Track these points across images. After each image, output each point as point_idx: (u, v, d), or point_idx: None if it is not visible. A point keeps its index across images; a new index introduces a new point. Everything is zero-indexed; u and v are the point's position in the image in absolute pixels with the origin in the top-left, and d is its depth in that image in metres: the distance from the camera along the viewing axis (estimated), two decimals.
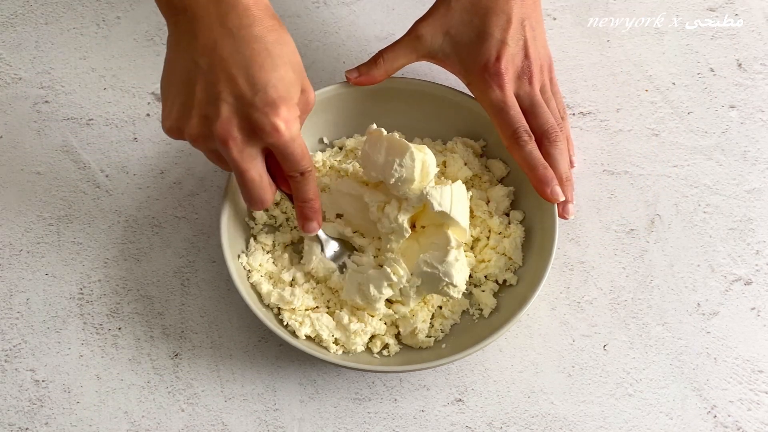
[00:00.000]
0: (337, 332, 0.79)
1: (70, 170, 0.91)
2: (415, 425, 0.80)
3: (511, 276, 0.83)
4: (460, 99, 0.87)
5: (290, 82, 0.70)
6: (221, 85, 0.68)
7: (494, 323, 0.79)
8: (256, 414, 0.80)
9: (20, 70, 0.96)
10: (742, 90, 0.96)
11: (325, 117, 0.88)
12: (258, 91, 0.68)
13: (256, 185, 0.73)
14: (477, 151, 0.88)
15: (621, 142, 0.93)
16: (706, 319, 0.84)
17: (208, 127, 0.70)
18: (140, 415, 0.80)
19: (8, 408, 0.80)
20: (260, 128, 0.69)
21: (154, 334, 0.83)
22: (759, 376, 0.82)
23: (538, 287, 0.78)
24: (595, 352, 0.83)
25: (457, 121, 0.88)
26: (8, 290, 0.85)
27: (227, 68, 0.68)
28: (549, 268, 0.79)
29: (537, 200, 0.83)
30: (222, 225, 0.81)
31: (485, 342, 0.76)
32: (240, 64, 0.68)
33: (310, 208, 0.77)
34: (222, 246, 0.80)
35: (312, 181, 0.76)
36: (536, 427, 0.80)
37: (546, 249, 0.80)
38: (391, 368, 0.77)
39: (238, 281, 0.78)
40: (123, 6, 1.00)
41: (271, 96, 0.69)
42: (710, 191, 0.90)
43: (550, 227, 0.81)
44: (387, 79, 0.87)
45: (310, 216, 0.78)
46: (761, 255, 0.87)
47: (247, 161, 0.71)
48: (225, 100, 0.69)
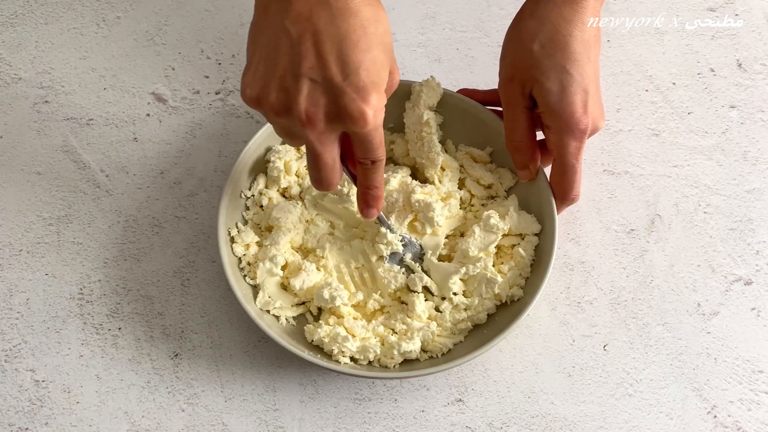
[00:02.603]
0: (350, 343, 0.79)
1: (70, 170, 0.91)
2: (415, 425, 0.80)
3: (518, 290, 0.82)
4: (466, 105, 0.87)
5: (381, 65, 0.66)
6: (310, 60, 0.64)
7: (493, 329, 0.79)
8: (256, 414, 0.80)
9: (20, 70, 0.96)
10: (742, 90, 0.96)
11: None
12: (349, 74, 0.64)
13: (329, 168, 0.69)
14: (485, 160, 0.88)
15: (621, 142, 0.93)
16: (707, 320, 0.84)
17: (289, 103, 0.65)
18: (140, 415, 0.80)
19: (8, 408, 0.80)
20: (348, 114, 0.65)
21: (154, 334, 0.83)
22: (759, 376, 0.82)
23: (538, 292, 0.78)
24: (596, 352, 0.83)
25: (464, 128, 0.88)
26: (8, 290, 0.85)
27: (319, 42, 0.64)
28: (549, 272, 0.79)
29: (537, 202, 0.83)
30: (220, 228, 0.81)
31: (483, 349, 0.76)
32: (333, 40, 0.64)
33: (374, 195, 0.74)
34: (220, 249, 0.80)
35: (381, 170, 0.73)
36: (536, 427, 0.80)
37: (545, 254, 0.80)
38: (389, 374, 0.77)
39: (246, 305, 0.78)
40: (123, 6, 1.00)
41: (362, 80, 0.64)
42: (710, 191, 0.90)
43: (550, 232, 0.81)
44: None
45: (372, 203, 0.75)
46: (761, 255, 0.87)
47: (325, 144, 0.68)
48: (312, 78, 0.64)
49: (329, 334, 0.79)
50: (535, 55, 0.78)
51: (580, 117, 0.77)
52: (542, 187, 0.82)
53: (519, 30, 0.80)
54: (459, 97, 0.87)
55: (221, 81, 0.96)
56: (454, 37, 0.99)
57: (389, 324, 0.81)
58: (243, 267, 0.83)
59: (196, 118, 0.94)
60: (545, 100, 0.78)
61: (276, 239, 0.82)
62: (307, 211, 0.85)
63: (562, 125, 0.78)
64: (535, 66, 0.78)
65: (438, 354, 0.79)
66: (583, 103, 0.77)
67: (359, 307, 0.82)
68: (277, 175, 0.85)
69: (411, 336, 0.79)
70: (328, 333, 0.79)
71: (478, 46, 0.98)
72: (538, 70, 0.78)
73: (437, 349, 0.79)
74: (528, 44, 0.78)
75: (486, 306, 0.81)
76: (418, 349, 0.79)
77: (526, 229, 0.83)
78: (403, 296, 0.82)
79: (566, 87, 0.77)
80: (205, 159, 0.91)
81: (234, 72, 0.96)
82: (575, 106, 0.77)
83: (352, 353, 0.78)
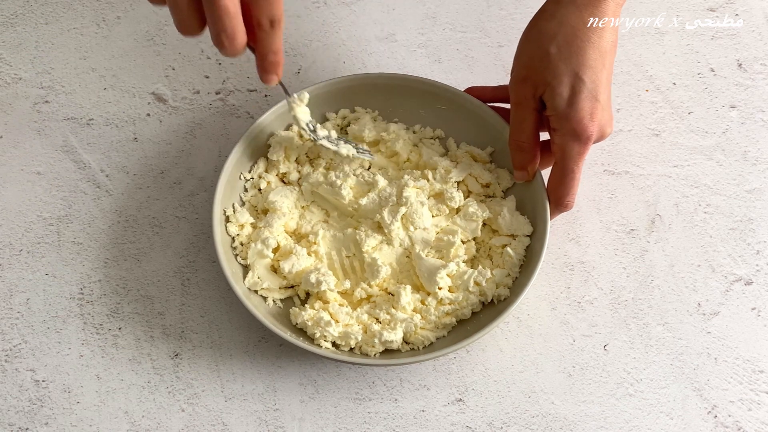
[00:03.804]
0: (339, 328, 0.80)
1: (70, 170, 0.91)
2: (415, 425, 0.80)
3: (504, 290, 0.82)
4: (471, 105, 0.87)
5: None
6: None
7: (476, 326, 0.79)
8: (257, 414, 0.80)
9: (20, 70, 0.96)
10: (742, 90, 0.96)
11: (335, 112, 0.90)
12: None
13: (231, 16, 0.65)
14: (485, 160, 0.88)
15: (621, 142, 0.93)
16: (707, 319, 0.84)
17: None
18: (140, 415, 0.80)
19: (8, 408, 0.80)
20: None
21: (155, 334, 0.83)
22: (759, 376, 0.82)
23: (523, 292, 0.78)
24: (596, 352, 0.83)
25: (466, 125, 0.88)
26: (8, 290, 0.85)
27: None
28: (536, 273, 0.79)
29: (532, 204, 0.84)
30: (215, 206, 0.82)
31: (463, 343, 0.76)
32: None
33: (273, 61, 0.71)
34: (216, 248, 0.80)
35: (280, 33, 0.69)
36: (536, 427, 0.79)
37: (535, 255, 0.80)
38: (385, 362, 0.77)
39: (233, 283, 0.79)
40: (123, 6, 1.00)
41: None
42: (710, 191, 0.90)
43: (541, 235, 0.81)
44: (399, 76, 0.88)
45: (271, 69, 0.71)
46: (761, 255, 0.87)
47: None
48: None
49: (312, 318, 0.79)
50: (551, 57, 0.78)
51: (587, 124, 0.78)
52: (538, 190, 0.83)
53: (538, 30, 0.80)
54: (464, 96, 0.87)
55: (221, 81, 0.96)
56: (454, 38, 0.99)
57: (374, 313, 0.81)
58: (236, 247, 0.84)
59: (196, 118, 0.94)
60: (554, 104, 0.78)
61: (270, 222, 0.84)
62: (303, 197, 0.86)
63: (569, 130, 0.78)
64: (549, 69, 0.78)
65: (420, 347, 0.80)
66: (591, 111, 0.78)
67: (346, 295, 0.83)
68: (277, 159, 0.86)
69: (394, 326, 0.79)
70: (312, 317, 0.80)
71: (478, 46, 0.98)
72: (551, 73, 0.78)
73: (419, 342, 0.80)
74: (545, 46, 0.78)
75: (471, 301, 0.81)
76: (399, 339, 0.79)
77: (518, 230, 0.83)
78: (391, 288, 0.83)
79: (577, 93, 0.77)
80: (205, 159, 0.91)
81: (234, 72, 0.96)
82: (583, 113, 0.77)
83: (333, 338, 0.79)
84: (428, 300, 0.81)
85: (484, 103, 0.87)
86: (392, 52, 0.98)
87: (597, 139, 0.80)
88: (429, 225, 0.84)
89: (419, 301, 0.81)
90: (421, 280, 0.82)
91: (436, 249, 0.83)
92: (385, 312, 0.80)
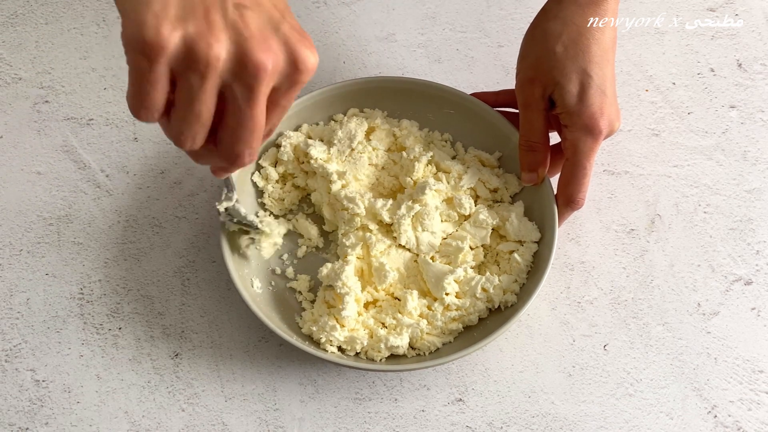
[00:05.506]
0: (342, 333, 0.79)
1: (70, 170, 0.91)
2: (415, 425, 0.80)
3: (511, 296, 0.82)
4: (479, 109, 0.87)
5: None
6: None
7: (483, 332, 0.79)
8: (257, 414, 0.80)
9: (20, 70, 0.96)
10: (742, 90, 0.96)
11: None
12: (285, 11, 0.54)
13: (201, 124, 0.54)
14: (493, 164, 0.88)
15: (621, 142, 0.93)
16: (707, 319, 0.84)
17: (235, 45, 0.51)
18: (140, 415, 0.80)
19: (8, 408, 0.80)
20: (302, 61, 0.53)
21: (155, 334, 0.83)
22: (759, 376, 0.82)
23: (531, 299, 0.78)
24: (596, 352, 0.83)
25: (474, 129, 0.88)
26: (8, 290, 0.85)
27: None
28: (544, 280, 0.79)
29: (540, 210, 0.83)
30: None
31: (470, 350, 0.76)
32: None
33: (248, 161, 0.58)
34: (221, 246, 0.80)
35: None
36: (536, 427, 0.80)
37: (543, 262, 0.80)
38: (389, 367, 0.77)
39: (238, 281, 0.79)
40: None
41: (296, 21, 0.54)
42: (710, 191, 0.90)
43: (549, 241, 0.81)
44: (407, 80, 0.88)
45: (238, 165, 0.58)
46: (761, 255, 0.87)
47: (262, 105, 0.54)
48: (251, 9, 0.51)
49: (316, 321, 0.80)
50: (558, 56, 0.78)
51: (598, 118, 0.78)
52: (546, 195, 0.82)
53: (543, 30, 0.80)
54: (473, 100, 0.87)
55: None
56: (454, 38, 0.99)
57: (380, 318, 0.81)
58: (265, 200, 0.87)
59: None
60: (565, 102, 0.79)
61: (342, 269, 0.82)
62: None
63: (580, 126, 0.79)
64: (557, 68, 0.79)
65: (426, 352, 0.80)
66: (600, 105, 0.78)
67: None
68: (287, 159, 0.87)
69: (400, 331, 0.79)
70: (316, 320, 0.80)
71: (478, 47, 0.98)
72: (560, 72, 0.78)
73: (425, 347, 0.80)
74: (552, 46, 0.79)
75: (478, 308, 0.81)
76: (405, 345, 0.79)
77: (525, 236, 0.83)
78: (397, 292, 0.82)
79: (586, 89, 0.78)
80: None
81: None
82: (594, 108, 0.78)
83: (339, 343, 0.79)
84: (435, 305, 0.81)
85: (492, 108, 0.87)
86: (392, 52, 0.98)
87: (607, 133, 0.80)
88: (437, 229, 0.83)
89: (426, 306, 0.81)
90: (428, 286, 0.82)
91: (444, 254, 0.83)
92: (391, 317, 0.80)
